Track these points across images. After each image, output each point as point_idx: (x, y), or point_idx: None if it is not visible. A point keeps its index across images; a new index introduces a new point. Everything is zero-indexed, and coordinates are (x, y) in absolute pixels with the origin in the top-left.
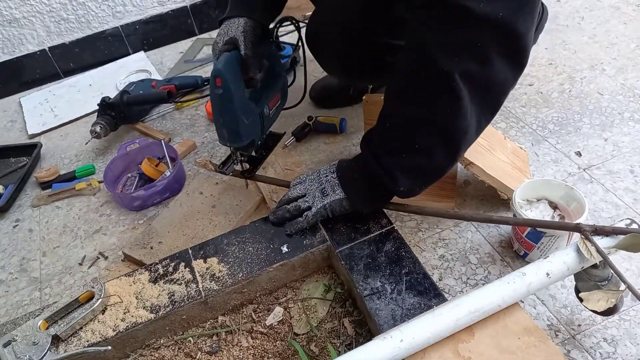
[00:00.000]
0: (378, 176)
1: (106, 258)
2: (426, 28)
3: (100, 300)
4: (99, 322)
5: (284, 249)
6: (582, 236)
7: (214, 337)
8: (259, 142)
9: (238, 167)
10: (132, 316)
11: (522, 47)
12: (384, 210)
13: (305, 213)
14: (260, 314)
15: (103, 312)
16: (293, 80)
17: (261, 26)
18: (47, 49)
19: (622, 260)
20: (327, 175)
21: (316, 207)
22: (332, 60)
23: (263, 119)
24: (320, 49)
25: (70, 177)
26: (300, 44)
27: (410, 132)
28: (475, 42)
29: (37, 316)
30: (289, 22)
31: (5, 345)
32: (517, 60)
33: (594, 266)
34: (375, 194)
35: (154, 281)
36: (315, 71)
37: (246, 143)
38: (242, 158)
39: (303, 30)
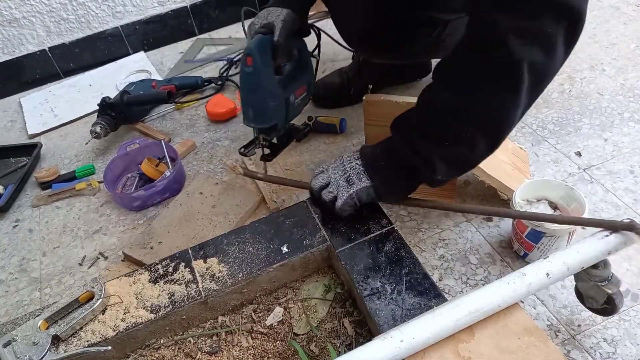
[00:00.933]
0: (412, 164)
1: (106, 258)
2: (498, 11)
3: (100, 300)
4: (99, 322)
5: (284, 249)
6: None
7: (214, 337)
8: (282, 130)
9: (259, 151)
10: (132, 316)
11: (580, 32)
12: (384, 210)
13: (333, 205)
14: (260, 314)
15: (103, 312)
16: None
17: (300, 20)
18: (47, 49)
19: (622, 260)
20: (351, 162)
21: (342, 198)
22: (360, 33)
23: (288, 105)
24: (348, 22)
25: (70, 177)
26: (318, 50)
27: (458, 121)
28: (547, 29)
29: (37, 316)
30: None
31: (5, 345)
32: (572, 46)
33: (594, 266)
34: (404, 182)
35: (154, 281)
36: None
37: (269, 125)
38: (264, 143)
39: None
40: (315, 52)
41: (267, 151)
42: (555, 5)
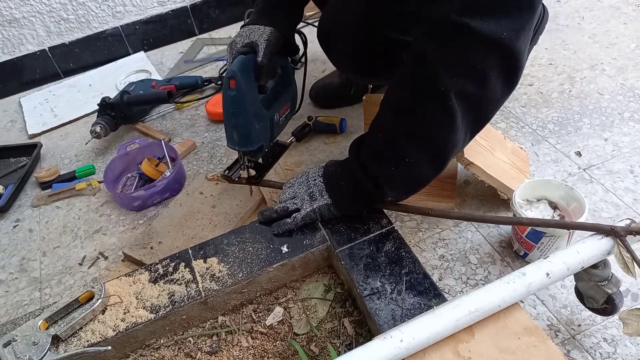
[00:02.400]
0: (364, 184)
1: (106, 258)
2: (428, 42)
3: (100, 300)
4: (99, 322)
5: (284, 249)
6: (618, 242)
7: (214, 337)
8: (267, 149)
9: (244, 173)
10: (132, 316)
11: (520, 66)
12: (384, 210)
13: (294, 215)
14: (260, 314)
15: (103, 312)
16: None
17: (284, 38)
18: (47, 49)
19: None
20: (315, 179)
21: (305, 210)
22: (344, 58)
23: (273, 125)
24: (333, 48)
25: (70, 177)
26: (304, 56)
27: (400, 145)
28: (476, 63)
29: (37, 316)
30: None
31: (5, 345)
32: (513, 79)
33: (594, 266)
34: (360, 199)
35: (154, 281)
36: (315, 71)
37: (255, 148)
38: (249, 164)
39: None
40: (303, 59)
41: (252, 172)
42: (483, 40)
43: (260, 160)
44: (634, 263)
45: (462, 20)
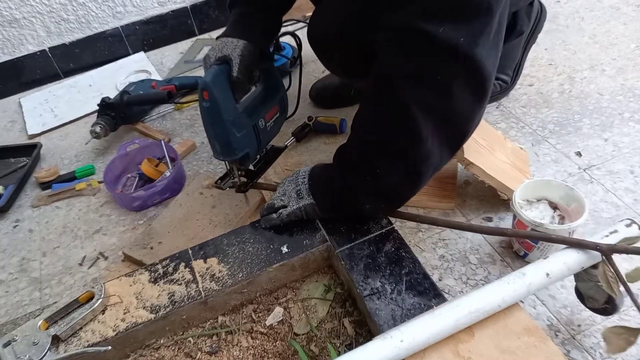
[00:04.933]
0: (342, 193)
1: (106, 258)
2: (388, 53)
3: (100, 300)
4: (99, 322)
5: (284, 249)
6: (603, 259)
7: (214, 337)
8: (258, 156)
9: (236, 181)
10: (132, 316)
11: (483, 74)
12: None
13: (280, 211)
14: (260, 314)
15: (103, 312)
16: (290, 84)
17: (260, 49)
18: (47, 50)
19: (622, 261)
20: (303, 178)
21: (291, 207)
22: (333, 60)
23: (258, 132)
24: (322, 50)
25: (70, 178)
26: (299, 55)
27: (370, 157)
28: (434, 71)
29: (37, 316)
30: (291, 22)
31: (5, 345)
32: (479, 89)
33: (594, 266)
34: (339, 207)
35: (154, 281)
36: (315, 71)
37: (239, 156)
38: (240, 172)
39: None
40: (298, 61)
41: (243, 180)
42: (439, 46)
43: (251, 167)
44: (618, 281)
45: (419, 26)
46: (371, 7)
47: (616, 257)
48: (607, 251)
